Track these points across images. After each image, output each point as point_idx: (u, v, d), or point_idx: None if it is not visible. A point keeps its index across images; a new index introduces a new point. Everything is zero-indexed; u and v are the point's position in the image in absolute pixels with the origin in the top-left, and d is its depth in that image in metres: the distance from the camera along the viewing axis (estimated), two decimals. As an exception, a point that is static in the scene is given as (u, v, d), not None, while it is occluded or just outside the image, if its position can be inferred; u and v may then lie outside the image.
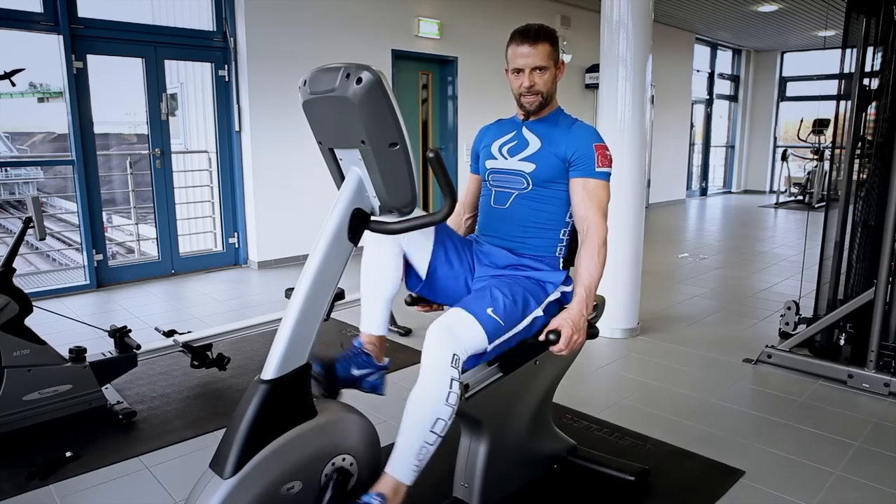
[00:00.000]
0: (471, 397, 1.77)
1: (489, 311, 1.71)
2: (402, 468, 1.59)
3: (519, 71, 1.89)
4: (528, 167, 1.92)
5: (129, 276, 5.27)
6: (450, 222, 2.17)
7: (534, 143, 1.94)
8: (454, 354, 1.61)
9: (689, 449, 2.49)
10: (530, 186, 1.93)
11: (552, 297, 1.88)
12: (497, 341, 1.72)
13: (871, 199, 3.35)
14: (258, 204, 5.69)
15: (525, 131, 1.98)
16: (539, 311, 1.84)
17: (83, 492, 2.20)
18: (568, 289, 1.92)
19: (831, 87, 9.92)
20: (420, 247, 1.85)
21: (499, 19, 7.39)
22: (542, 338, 1.75)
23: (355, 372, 1.75)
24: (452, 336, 1.63)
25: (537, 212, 1.94)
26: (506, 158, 1.98)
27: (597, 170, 1.88)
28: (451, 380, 1.59)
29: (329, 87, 1.40)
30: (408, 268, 1.89)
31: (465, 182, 2.22)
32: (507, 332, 1.75)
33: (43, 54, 4.86)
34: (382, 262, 1.83)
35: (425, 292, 1.94)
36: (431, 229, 1.86)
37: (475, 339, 1.67)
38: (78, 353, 2.70)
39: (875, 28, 3.33)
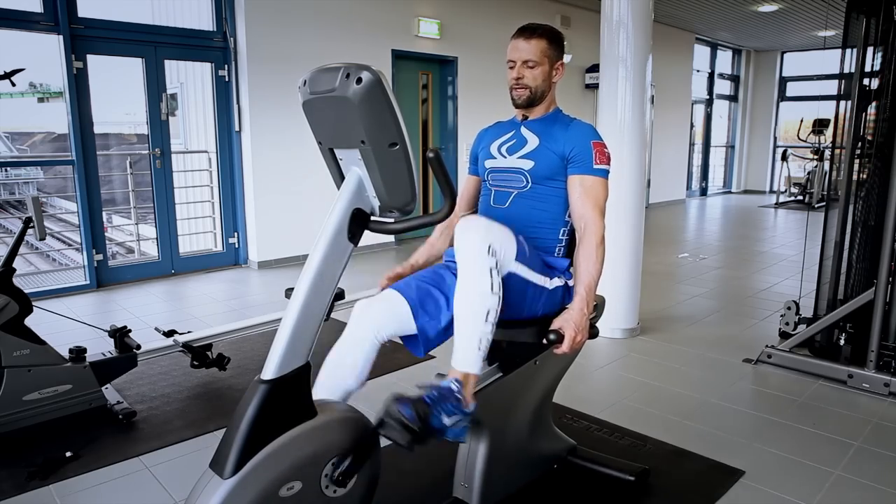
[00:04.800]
0: (471, 397, 1.76)
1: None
2: (468, 361, 1.61)
3: (512, 64, 1.93)
4: (527, 164, 1.93)
5: (129, 276, 5.27)
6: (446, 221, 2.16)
7: (532, 141, 1.95)
8: (489, 245, 1.62)
9: (689, 449, 2.49)
10: (529, 185, 1.94)
11: (557, 282, 1.88)
12: (520, 264, 1.74)
13: (871, 199, 3.35)
14: (258, 204, 5.69)
15: (523, 130, 1.99)
16: (548, 283, 1.84)
17: (83, 492, 2.20)
18: (571, 282, 1.92)
19: (831, 87, 9.92)
20: (401, 324, 1.79)
21: (499, 19, 7.39)
22: (544, 340, 1.75)
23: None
24: (487, 229, 1.65)
25: (536, 210, 1.94)
26: (504, 157, 1.99)
27: (594, 167, 1.88)
28: (490, 269, 1.62)
29: (329, 87, 1.40)
30: (406, 341, 1.86)
31: (463, 182, 2.22)
32: (528, 265, 1.77)
33: (43, 54, 4.87)
34: (352, 360, 1.75)
35: (435, 344, 1.86)
36: (399, 301, 1.79)
37: (507, 241, 1.69)
38: (78, 353, 2.70)
39: (875, 28, 3.33)
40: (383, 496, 1.72)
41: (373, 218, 1.53)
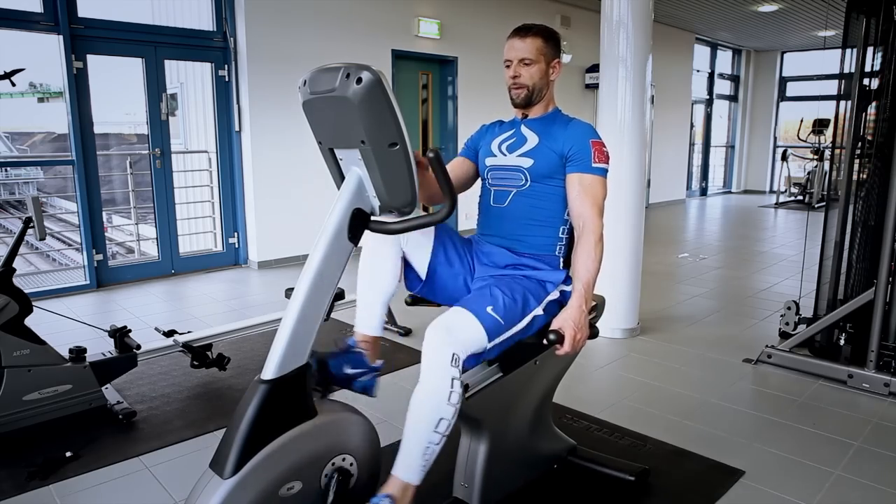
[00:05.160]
0: (471, 397, 1.76)
1: (489, 309, 1.71)
2: (408, 469, 1.59)
3: (509, 64, 1.94)
4: (527, 162, 1.94)
5: (129, 276, 5.27)
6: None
7: (532, 140, 1.96)
8: (454, 354, 1.60)
9: (689, 449, 2.49)
10: (528, 183, 1.94)
11: (552, 297, 1.89)
12: (497, 340, 1.71)
13: (871, 199, 3.34)
14: (258, 204, 5.69)
15: (523, 129, 2.00)
16: (539, 311, 1.84)
17: (83, 492, 2.20)
18: (568, 288, 1.92)
19: (831, 87, 9.92)
20: (420, 247, 1.86)
21: (499, 19, 7.39)
22: (545, 340, 1.75)
23: (348, 371, 1.72)
24: (451, 335, 1.62)
25: (536, 209, 1.94)
26: (504, 155, 2.00)
27: (593, 165, 1.89)
28: (452, 379, 1.59)
29: (329, 87, 1.40)
30: (407, 268, 1.89)
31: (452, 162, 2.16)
32: (507, 330, 1.74)
33: (43, 54, 4.87)
34: (382, 263, 1.83)
35: (425, 292, 1.95)
36: (431, 229, 1.86)
37: (475, 338, 1.66)
38: (78, 353, 2.70)
39: (875, 28, 3.33)
40: (383, 496, 1.72)
41: (373, 218, 1.53)
